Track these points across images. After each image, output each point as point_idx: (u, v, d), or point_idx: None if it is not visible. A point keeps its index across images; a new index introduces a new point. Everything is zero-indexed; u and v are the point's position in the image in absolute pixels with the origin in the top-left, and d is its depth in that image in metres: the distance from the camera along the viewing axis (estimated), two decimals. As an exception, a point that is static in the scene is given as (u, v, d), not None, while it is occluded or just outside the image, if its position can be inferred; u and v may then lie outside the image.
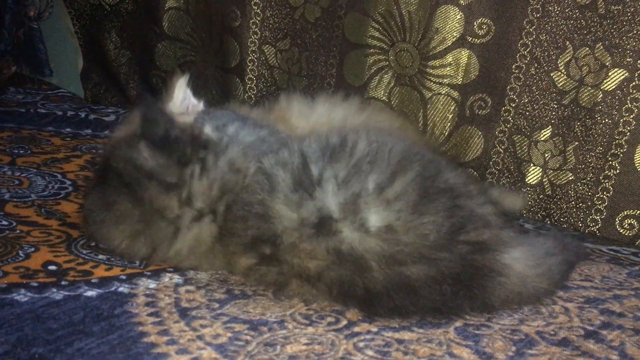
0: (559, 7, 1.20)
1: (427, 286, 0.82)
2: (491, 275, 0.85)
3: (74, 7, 1.78)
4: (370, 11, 1.35)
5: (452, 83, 1.31)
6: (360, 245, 0.82)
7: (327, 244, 0.83)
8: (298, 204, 0.85)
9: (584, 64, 1.20)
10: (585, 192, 1.23)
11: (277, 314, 0.86)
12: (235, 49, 1.55)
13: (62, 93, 1.89)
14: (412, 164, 0.88)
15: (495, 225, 0.88)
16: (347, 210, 0.84)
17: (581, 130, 1.22)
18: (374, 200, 0.84)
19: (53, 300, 0.85)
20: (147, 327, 0.81)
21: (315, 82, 1.49)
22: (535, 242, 0.96)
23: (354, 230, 0.83)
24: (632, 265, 1.10)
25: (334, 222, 0.84)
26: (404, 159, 0.89)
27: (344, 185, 0.85)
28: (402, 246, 0.82)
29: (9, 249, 0.97)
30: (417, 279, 0.82)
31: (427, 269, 0.82)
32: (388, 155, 0.88)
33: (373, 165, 0.86)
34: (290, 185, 0.86)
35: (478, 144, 1.32)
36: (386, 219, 0.83)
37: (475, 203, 0.88)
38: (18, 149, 1.42)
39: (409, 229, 0.83)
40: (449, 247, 0.83)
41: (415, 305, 0.84)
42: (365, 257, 0.82)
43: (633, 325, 0.90)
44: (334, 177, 0.86)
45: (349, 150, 0.89)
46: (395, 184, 0.85)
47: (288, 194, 0.86)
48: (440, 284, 0.83)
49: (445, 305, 0.84)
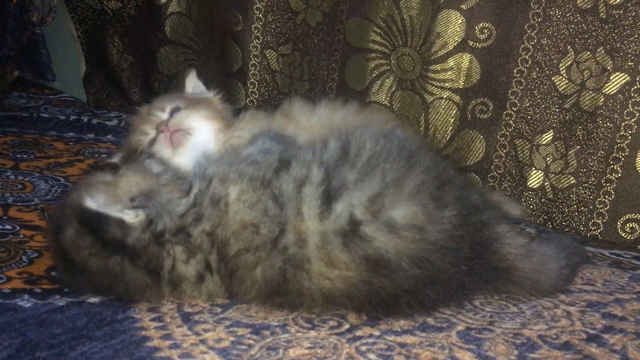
0: (560, 12, 1.20)
1: (448, 272, 0.84)
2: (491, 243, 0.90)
3: (76, 12, 1.79)
4: (372, 16, 1.36)
5: (453, 87, 1.32)
6: (393, 249, 0.82)
7: (358, 251, 0.81)
8: (325, 216, 0.83)
9: (586, 68, 1.20)
10: (587, 196, 1.23)
11: (279, 318, 0.86)
12: (237, 53, 1.56)
13: (65, 97, 1.90)
14: (421, 155, 0.89)
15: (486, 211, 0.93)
16: (374, 211, 0.82)
17: (583, 134, 1.22)
18: (396, 197, 0.83)
19: (56, 306, 0.86)
20: (150, 332, 0.81)
21: (317, 87, 1.49)
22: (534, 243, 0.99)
23: (383, 231, 0.82)
24: (634, 269, 1.10)
25: (362, 226, 0.82)
26: (411, 151, 0.90)
27: (364, 185, 0.84)
28: (429, 245, 0.83)
29: (13, 254, 0.97)
30: (440, 269, 0.84)
31: (448, 256, 0.84)
32: (397, 150, 0.89)
33: (387, 161, 0.87)
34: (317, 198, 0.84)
35: (480, 148, 1.33)
36: (411, 216, 0.83)
37: (470, 192, 0.94)
38: (21, 154, 1.43)
39: (433, 223, 0.83)
40: (463, 234, 0.86)
41: (439, 294, 0.86)
42: (397, 260, 0.82)
43: (635, 329, 0.90)
44: (351, 178, 0.85)
45: (356, 150, 0.88)
46: (412, 177, 0.85)
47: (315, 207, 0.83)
48: (458, 266, 0.85)
49: (463, 285, 0.88)
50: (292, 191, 0.85)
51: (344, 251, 0.82)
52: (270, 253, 0.84)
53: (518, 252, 0.92)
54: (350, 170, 0.86)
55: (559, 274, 0.96)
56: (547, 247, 0.98)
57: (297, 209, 0.84)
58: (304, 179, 0.86)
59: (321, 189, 0.84)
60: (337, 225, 0.82)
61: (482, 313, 0.91)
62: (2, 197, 1.18)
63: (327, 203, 0.83)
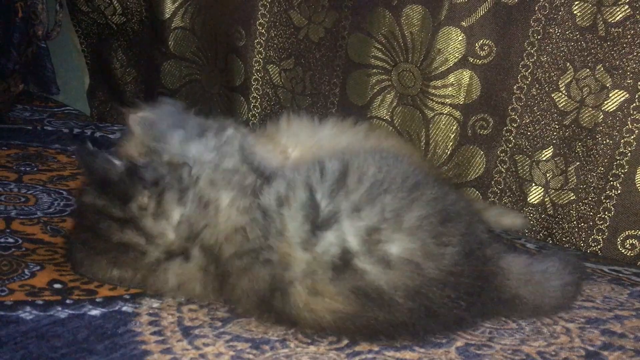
0: (559, 29, 1.22)
1: (446, 305, 0.82)
2: (497, 276, 0.87)
3: (81, 26, 1.81)
4: (373, 32, 1.37)
5: (454, 103, 1.33)
6: (386, 283, 0.78)
7: (347, 284, 0.79)
8: (311, 243, 0.80)
9: (585, 85, 1.21)
10: (587, 212, 1.24)
11: (279, 332, 0.87)
12: (240, 68, 1.57)
13: (69, 110, 1.92)
14: (426, 186, 0.85)
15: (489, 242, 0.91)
16: (369, 244, 0.79)
17: (582, 151, 1.23)
18: (394, 230, 0.80)
19: (58, 318, 0.86)
20: (150, 346, 0.82)
21: (319, 101, 1.51)
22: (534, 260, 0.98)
23: (376, 264, 0.78)
24: (634, 286, 1.10)
25: (353, 257, 0.79)
26: (417, 182, 0.85)
27: (359, 216, 0.80)
28: (426, 281, 0.80)
29: (15, 267, 0.98)
30: (439, 304, 0.81)
31: (447, 292, 0.82)
32: (401, 179, 0.85)
33: (388, 191, 0.82)
34: (300, 223, 0.81)
35: (480, 164, 1.33)
36: (409, 251, 0.79)
37: (477, 227, 0.89)
38: (25, 166, 1.44)
39: (431, 260, 0.80)
40: (463, 270, 0.83)
41: (436, 325, 0.84)
42: (390, 294, 0.79)
43: (634, 346, 0.90)
44: (348, 208, 0.81)
45: (357, 176, 0.84)
46: (414, 210, 0.81)
47: (299, 233, 0.81)
48: (457, 301, 0.83)
49: (462, 319, 0.86)
50: (274, 207, 0.84)
51: (331, 284, 0.79)
52: (256, 262, 0.83)
53: (520, 280, 0.90)
54: (346, 197, 0.82)
55: (562, 292, 0.95)
56: (549, 264, 0.96)
57: (278, 229, 0.82)
58: (284, 199, 0.83)
59: (303, 213, 0.81)
60: (326, 256, 0.79)
61: (482, 329, 0.91)
62: (5, 210, 1.19)
63: (312, 230, 0.80)
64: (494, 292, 0.88)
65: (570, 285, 0.96)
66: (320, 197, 0.83)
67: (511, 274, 0.90)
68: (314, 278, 0.80)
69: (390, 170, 0.86)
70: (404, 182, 0.84)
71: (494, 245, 0.91)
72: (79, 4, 1.77)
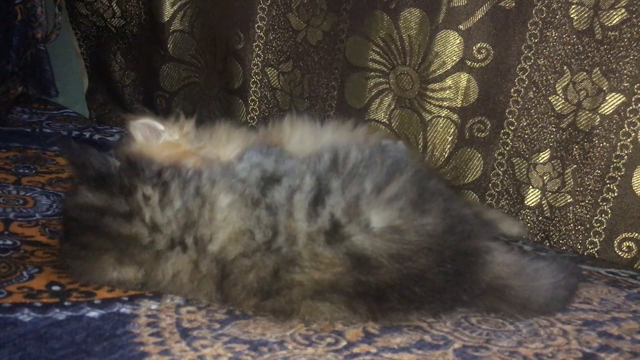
0: (556, 33, 1.22)
1: (432, 270, 0.88)
2: (479, 254, 0.92)
3: (80, 29, 1.82)
4: (372, 35, 1.38)
5: (451, 106, 1.33)
6: (371, 246, 0.86)
7: (341, 249, 0.87)
8: (313, 218, 0.88)
9: (582, 89, 1.22)
10: (584, 215, 1.24)
11: (277, 334, 0.87)
12: (238, 70, 1.58)
13: (68, 113, 1.92)
14: (405, 167, 0.94)
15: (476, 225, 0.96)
16: (351, 214, 0.88)
17: (579, 154, 1.23)
18: (373, 201, 0.89)
19: (56, 320, 0.86)
20: (148, 347, 0.82)
21: (317, 104, 1.51)
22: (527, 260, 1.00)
23: (361, 232, 0.87)
24: (631, 288, 1.11)
25: (341, 227, 0.87)
26: (396, 162, 0.95)
27: (344, 191, 0.90)
28: (407, 244, 0.87)
29: (13, 269, 0.98)
30: (424, 267, 0.87)
31: (431, 257, 0.88)
32: (381, 160, 0.94)
33: (368, 169, 0.92)
34: (307, 203, 0.89)
35: (477, 166, 1.34)
36: (388, 219, 0.88)
37: (459, 205, 0.96)
38: (23, 169, 1.44)
39: (411, 228, 0.87)
40: (446, 241, 0.89)
41: (424, 290, 0.88)
42: (376, 257, 0.86)
43: (631, 348, 0.90)
44: (338, 187, 0.90)
45: (343, 159, 0.95)
46: (392, 185, 0.90)
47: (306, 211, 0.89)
48: (443, 266, 0.88)
49: (448, 286, 0.89)
50: (284, 200, 0.90)
51: (327, 248, 0.87)
52: (265, 254, 0.88)
53: (510, 272, 0.94)
54: (335, 178, 0.92)
55: (554, 291, 0.96)
56: (543, 264, 0.98)
57: (289, 212, 0.89)
58: (296, 188, 0.91)
59: (311, 195, 0.90)
60: (320, 225, 0.88)
61: (479, 331, 0.92)
62: (4, 212, 1.19)
63: (314, 207, 0.89)
64: (482, 271, 0.92)
65: (563, 287, 0.97)
66: (321, 179, 0.92)
67: (502, 263, 0.94)
68: (314, 245, 0.87)
69: (371, 154, 0.96)
70: (384, 162, 0.94)
71: (479, 226, 0.97)
72: (78, 7, 1.77)
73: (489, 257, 0.93)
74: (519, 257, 1.00)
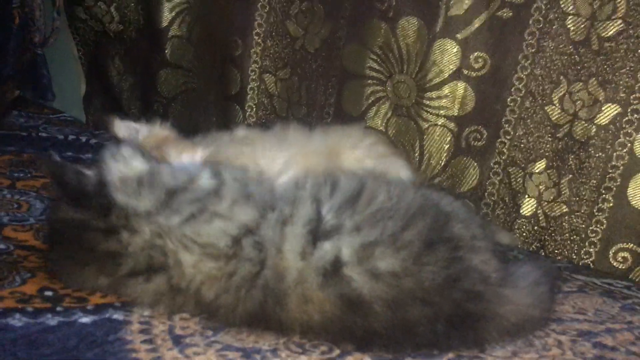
0: (553, 43, 1.23)
1: (422, 325, 0.84)
2: (483, 321, 0.86)
3: (78, 34, 1.82)
4: (369, 43, 1.38)
5: (448, 115, 1.33)
6: (369, 291, 0.83)
7: (336, 290, 0.83)
8: (309, 252, 0.84)
9: (578, 99, 1.22)
10: (579, 225, 1.24)
11: (270, 342, 0.86)
12: (236, 77, 1.58)
13: (64, 117, 1.92)
14: (425, 216, 0.89)
15: (496, 282, 0.89)
16: (361, 257, 0.84)
17: (575, 163, 1.23)
18: (387, 249, 0.85)
19: (48, 325, 0.86)
20: (140, 354, 0.81)
21: (314, 111, 1.51)
22: (522, 273, 0.96)
23: (364, 275, 0.83)
24: (625, 299, 1.10)
25: (343, 267, 0.83)
26: (418, 210, 0.90)
27: (358, 232, 0.85)
28: (402, 290, 0.83)
29: (6, 274, 0.97)
30: (414, 319, 0.84)
31: (423, 309, 0.84)
32: (405, 209, 0.89)
33: (391, 218, 0.87)
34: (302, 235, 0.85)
35: (473, 175, 1.34)
36: (391, 266, 0.84)
37: (477, 257, 0.89)
38: (18, 173, 1.44)
39: (408, 275, 0.84)
40: (443, 293, 0.84)
41: (410, 342, 0.85)
42: (371, 302, 0.83)
43: (625, 359, 0.90)
44: (350, 224, 0.86)
45: (367, 199, 0.90)
46: (405, 234, 0.86)
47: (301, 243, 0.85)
48: (434, 324, 0.84)
49: (437, 343, 0.85)
50: (274, 234, 0.86)
51: (320, 289, 0.83)
52: (250, 290, 0.85)
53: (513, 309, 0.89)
54: (351, 217, 0.87)
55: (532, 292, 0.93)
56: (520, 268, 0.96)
57: (278, 248, 0.85)
58: (287, 219, 0.87)
59: (308, 228, 0.86)
60: (320, 262, 0.84)
61: (473, 341, 0.91)
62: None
63: (312, 241, 0.85)
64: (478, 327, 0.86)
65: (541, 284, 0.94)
66: (326, 211, 0.88)
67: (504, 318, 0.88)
68: (304, 285, 0.83)
69: (397, 202, 0.91)
70: (407, 211, 0.89)
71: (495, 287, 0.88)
72: (77, 11, 1.77)
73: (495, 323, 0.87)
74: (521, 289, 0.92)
